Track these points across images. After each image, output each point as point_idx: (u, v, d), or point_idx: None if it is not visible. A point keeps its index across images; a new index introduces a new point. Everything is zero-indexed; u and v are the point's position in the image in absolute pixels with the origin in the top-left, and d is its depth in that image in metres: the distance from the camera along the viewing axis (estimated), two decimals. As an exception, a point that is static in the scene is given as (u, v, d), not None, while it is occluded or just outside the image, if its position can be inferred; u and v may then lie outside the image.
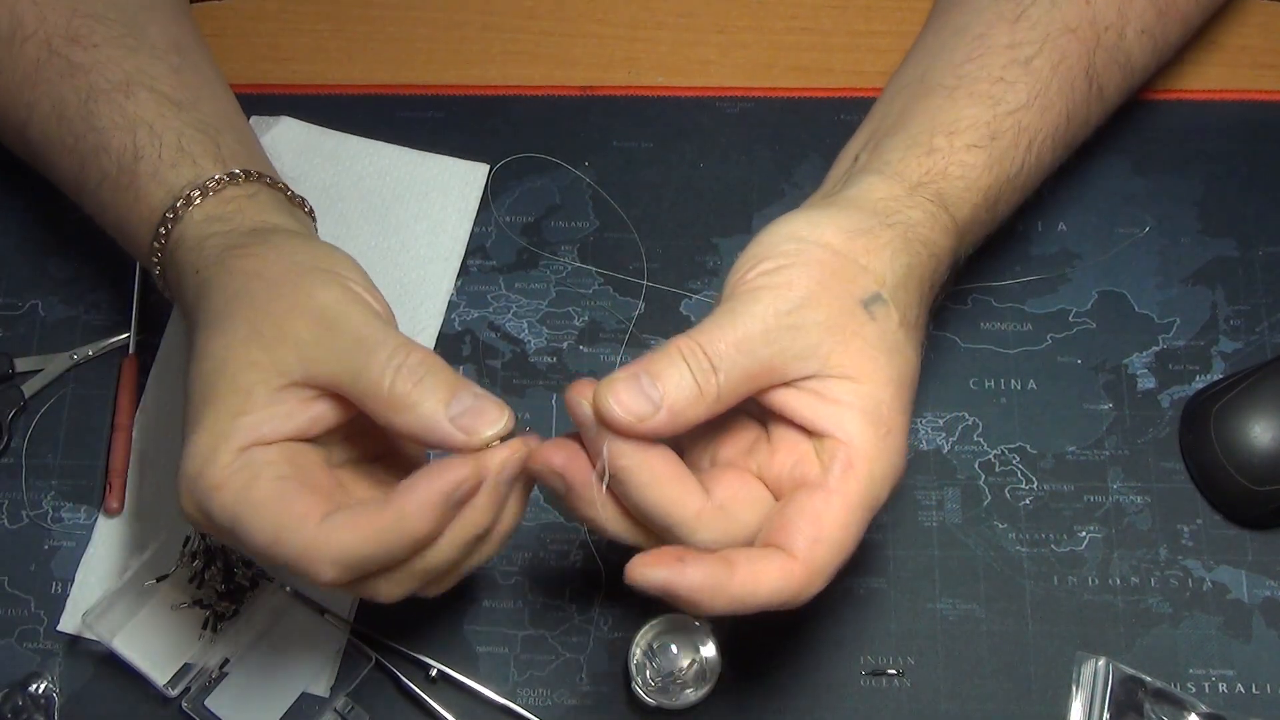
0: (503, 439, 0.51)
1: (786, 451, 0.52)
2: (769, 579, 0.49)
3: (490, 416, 0.50)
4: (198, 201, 0.57)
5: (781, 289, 0.51)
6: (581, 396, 0.50)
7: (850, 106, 0.74)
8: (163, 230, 0.57)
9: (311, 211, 0.62)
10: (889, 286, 0.53)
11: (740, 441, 0.54)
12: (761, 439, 0.54)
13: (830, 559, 0.50)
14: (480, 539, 0.52)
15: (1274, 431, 0.65)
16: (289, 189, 0.61)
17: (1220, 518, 0.66)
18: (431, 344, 0.70)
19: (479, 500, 0.51)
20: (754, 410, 0.54)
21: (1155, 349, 0.70)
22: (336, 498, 0.51)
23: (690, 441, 0.55)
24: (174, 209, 0.57)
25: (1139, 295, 0.71)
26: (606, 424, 0.49)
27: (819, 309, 0.51)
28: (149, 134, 0.59)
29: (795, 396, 0.51)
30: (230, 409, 0.51)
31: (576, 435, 0.51)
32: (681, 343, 0.50)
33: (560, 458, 0.51)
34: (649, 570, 0.48)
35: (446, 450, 0.51)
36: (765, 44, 0.78)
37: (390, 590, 0.52)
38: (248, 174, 0.58)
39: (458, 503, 0.50)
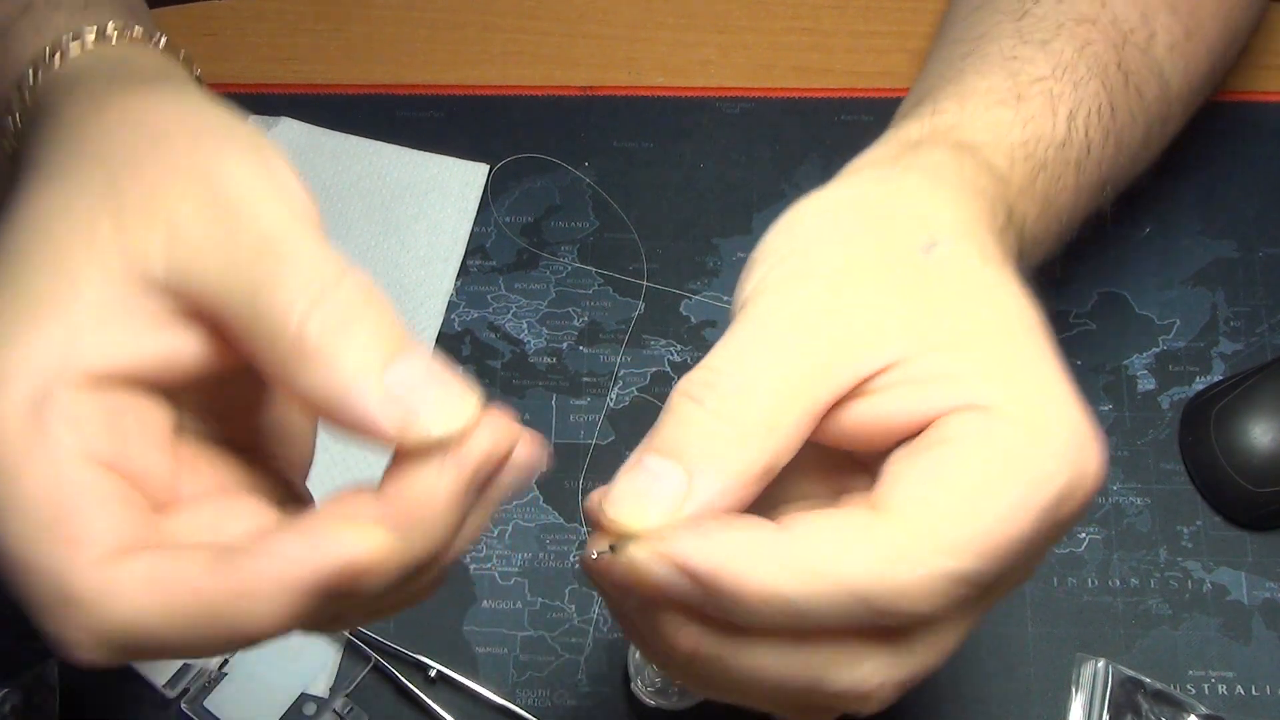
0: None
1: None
2: (848, 534, 0.33)
3: (449, 407, 0.32)
4: (90, 39, 0.41)
5: (807, 275, 0.37)
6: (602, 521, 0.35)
7: (850, 107, 0.74)
8: (31, 73, 0.41)
9: None
10: (946, 228, 0.38)
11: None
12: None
13: (954, 529, 0.33)
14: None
15: (1274, 433, 0.65)
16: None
17: (1220, 519, 0.66)
18: (431, 344, 0.70)
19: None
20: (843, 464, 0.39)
21: (1155, 350, 0.70)
22: (165, 510, 0.34)
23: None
24: (60, 44, 0.41)
25: (1139, 296, 0.71)
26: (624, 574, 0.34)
27: (865, 275, 0.37)
28: None
29: (882, 398, 0.36)
30: (40, 303, 0.32)
31: None
32: (683, 385, 0.36)
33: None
34: (644, 555, 0.33)
35: (362, 439, 0.32)
36: (765, 44, 0.78)
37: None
38: (155, 38, 0.44)
39: (335, 596, 0.32)
